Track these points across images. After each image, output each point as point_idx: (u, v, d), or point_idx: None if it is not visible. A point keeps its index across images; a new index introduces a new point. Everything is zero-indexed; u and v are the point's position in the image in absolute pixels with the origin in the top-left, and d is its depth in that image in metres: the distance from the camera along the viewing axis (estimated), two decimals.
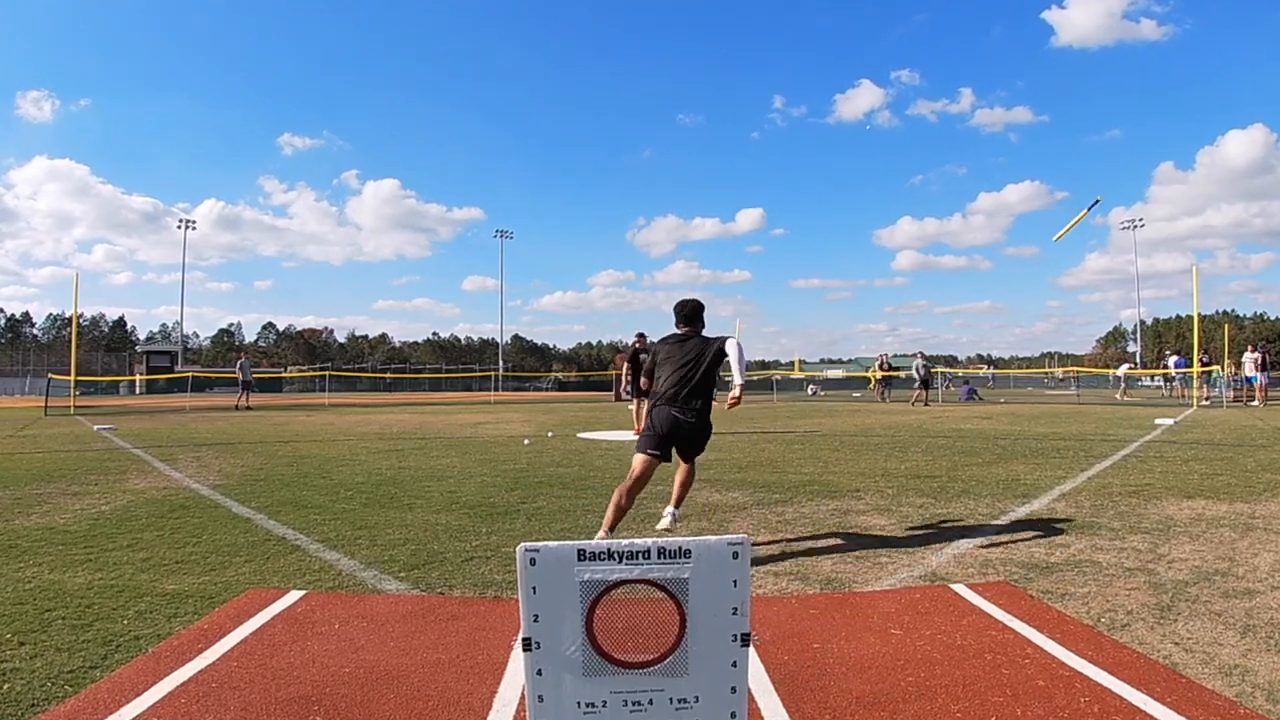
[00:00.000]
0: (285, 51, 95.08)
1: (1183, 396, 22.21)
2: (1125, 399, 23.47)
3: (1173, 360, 24.81)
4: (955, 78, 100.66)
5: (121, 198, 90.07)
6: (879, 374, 26.42)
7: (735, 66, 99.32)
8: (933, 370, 23.84)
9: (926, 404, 20.27)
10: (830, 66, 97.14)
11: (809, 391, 33.64)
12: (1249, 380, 19.55)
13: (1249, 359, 19.74)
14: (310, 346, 79.14)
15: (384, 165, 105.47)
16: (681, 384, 4.10)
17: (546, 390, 44.60)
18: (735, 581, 1.52)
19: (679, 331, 4.35)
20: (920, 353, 24.01)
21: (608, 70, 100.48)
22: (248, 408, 19.53)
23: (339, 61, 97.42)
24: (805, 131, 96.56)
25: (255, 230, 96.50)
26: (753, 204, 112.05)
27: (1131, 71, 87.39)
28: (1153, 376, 33.58)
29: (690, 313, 4.33)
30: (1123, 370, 28.26)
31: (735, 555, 1.52)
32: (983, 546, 4.00)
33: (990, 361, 76.75)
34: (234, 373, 21.98)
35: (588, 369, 72.27)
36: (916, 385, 21.45)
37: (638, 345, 11.59)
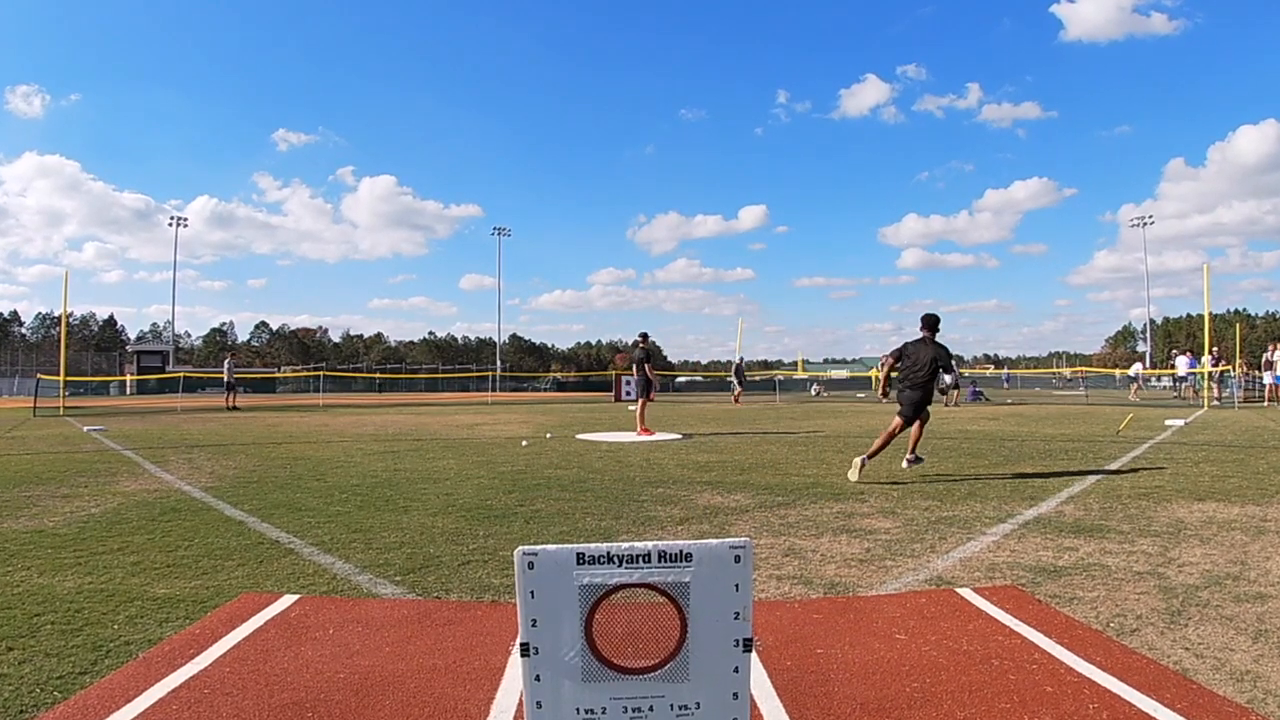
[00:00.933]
0: (280, 45, 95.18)
1: (1194, 397, 22.18)
2: (1137, 399, 23.42)
3: (1182, 360, 24.77)
4: (962, 73, 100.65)
5: (112, 194, 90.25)
6: (880, 374, 26.60)
7: (739, 61, 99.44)
8: (961, 372, 24.39)
9: (957, 404, 20.65)
10: (835, 61, 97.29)
11: (812, 391, 33.64)
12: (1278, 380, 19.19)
13: None
14: (304, 346, 79.13)
15: (380, 161, 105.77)
16: (918, 373, 6.55)
17: (545, 391, 44.63)
18: (737, 585, 1.52)
19: (923, 335, 6.67)
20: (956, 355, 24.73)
21: (609, 65, 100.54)
22: (233, 408, 19.71)
23: (335, 56, 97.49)
24: (810, 127, 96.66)
25: (249, 228, 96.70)
26: (756, 201, 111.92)
27: (1142, 66, 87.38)
28: (1159, 377, 33.43)
29: (932, 323, 6.70)
30: (1135, 369, 27.66)
31: (737, 559, 1.52)
32: (989, 550, 4.00)
33: (998, 361, 76.77)
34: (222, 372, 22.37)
35: (587, 369, 72.31)
36: (949, 386, 21.85)
37: (644, 345, 11.62)
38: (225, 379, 21.08)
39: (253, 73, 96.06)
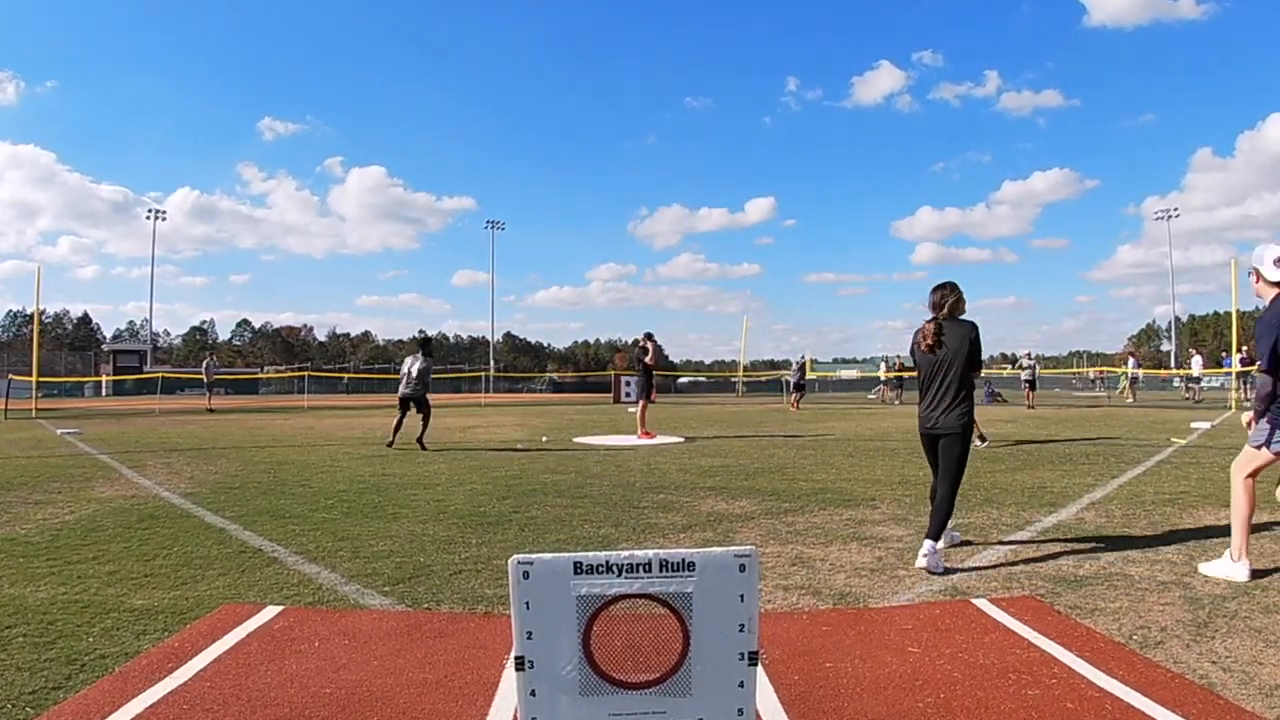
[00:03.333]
0: (267, 31, 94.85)
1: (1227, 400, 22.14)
2: (1132, 400, 23.26)
3: (1195, 360, 24.82)
4: (981, 59, 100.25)
5: (89, 186, 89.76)
6: (890, 374, 26.55)
7: (746, 47, 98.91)
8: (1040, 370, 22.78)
9: (1033, 406, 19.34)
10: (848, 47, 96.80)
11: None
12: None
13: None
14: (288, 345, 79.18)
15: (369, 151, 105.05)
16: None
17: (541, 392, 44.67)
18: (742, 596, 1.52)
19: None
20: (1029, 352, 22.41)
21: (609, 50, 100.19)
22: (211, 409, 19.77)
23: (324, 41, 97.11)
24: (820, 116, 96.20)
25: (232, 221, 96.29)
26: (763, 193, 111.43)
27: (1168, 52, 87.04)
28: (1177, 377, 33.22)
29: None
30: (1131, 367, 25.85)
31: (742, 568, 1.52)
32: (1007, 559, 4.00)
33: (1015, 361, 76.72)
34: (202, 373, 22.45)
35: (585, 369, 72.29)
36: (1023, 385, 20.41)
37: (645, 346, 11.63)
38: (205, 379, 21.22)
39: (238, 59, 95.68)
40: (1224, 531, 4.57)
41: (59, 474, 7.46)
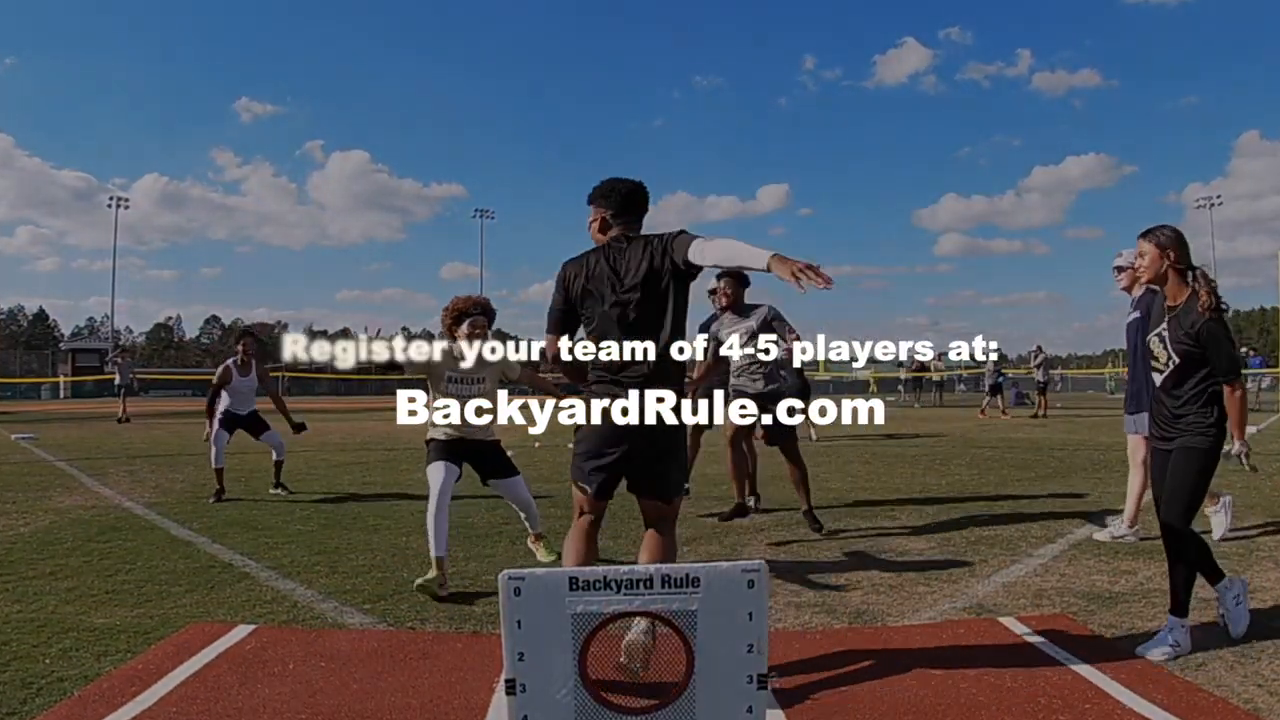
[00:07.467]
0: (244, 4, 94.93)
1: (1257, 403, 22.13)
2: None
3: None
4: (1012, 37, 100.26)
5: (49, 172, 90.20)
6: (909, 374, 26.51)
7: (760, 22, 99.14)
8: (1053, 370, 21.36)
9: (1044, 414, 17.94)
10: (870, 24, 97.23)
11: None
12: None
13: None
14: (261, 344, 79.26)
15: (352, 135, 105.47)
16: None
17: (534, 393, 44.66)
18: (750, 614, 1.52)
19: None
20: (1038, 347, 21.15)
21: (612, 24, 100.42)
22: (125, 418, 17.64)
23: (305, 16, 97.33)
24: (839, 97, 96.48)
25: (203, 210, 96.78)
26: (776, 180, 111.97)
27: (1213, 29, 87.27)
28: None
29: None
30: None
31: (750, 584, 1.52)
32: (1036, 574, 4.00)
33: (1047, 360, 76.55)
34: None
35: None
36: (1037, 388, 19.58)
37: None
38: (118, 382, 19.50)
39: (213, 34, 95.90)
40: (1272, 544, 4.57)
41: (13, 482, 7.46)
